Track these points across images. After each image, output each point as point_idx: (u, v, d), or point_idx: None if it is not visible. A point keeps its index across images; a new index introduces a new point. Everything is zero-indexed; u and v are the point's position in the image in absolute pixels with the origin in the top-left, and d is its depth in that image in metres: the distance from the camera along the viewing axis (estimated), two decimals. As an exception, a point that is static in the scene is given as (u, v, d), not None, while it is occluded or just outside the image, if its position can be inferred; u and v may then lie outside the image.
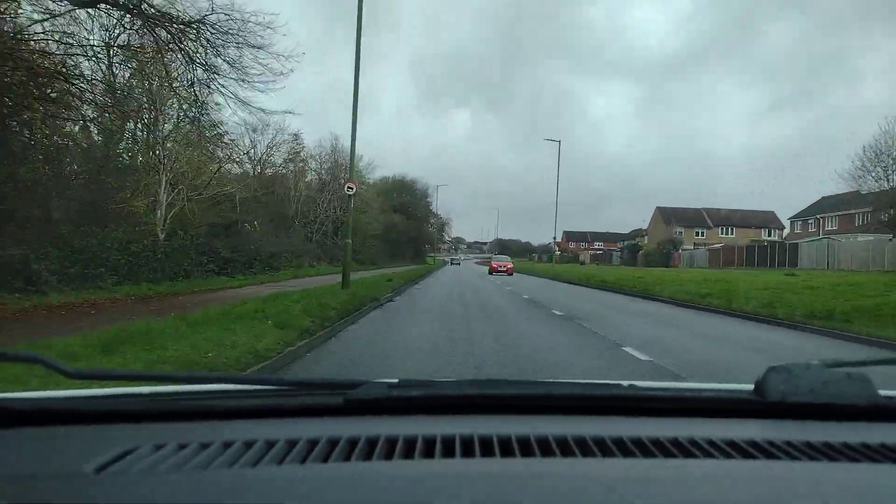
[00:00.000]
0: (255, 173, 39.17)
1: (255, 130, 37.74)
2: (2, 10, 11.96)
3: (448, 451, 0.97)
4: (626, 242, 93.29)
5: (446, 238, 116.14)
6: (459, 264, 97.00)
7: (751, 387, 1.19)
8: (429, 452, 0.96)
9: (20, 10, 12.42)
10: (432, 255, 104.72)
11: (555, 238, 50.29)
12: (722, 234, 73.24)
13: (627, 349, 8.30)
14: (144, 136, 21.49)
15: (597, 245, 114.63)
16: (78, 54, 13.88)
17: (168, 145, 21.30)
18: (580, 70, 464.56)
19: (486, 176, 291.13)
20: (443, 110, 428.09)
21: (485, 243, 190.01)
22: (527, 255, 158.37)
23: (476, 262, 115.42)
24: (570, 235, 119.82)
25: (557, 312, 13.86)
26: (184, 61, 14.51)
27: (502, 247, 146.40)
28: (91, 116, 15.90)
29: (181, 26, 13.62)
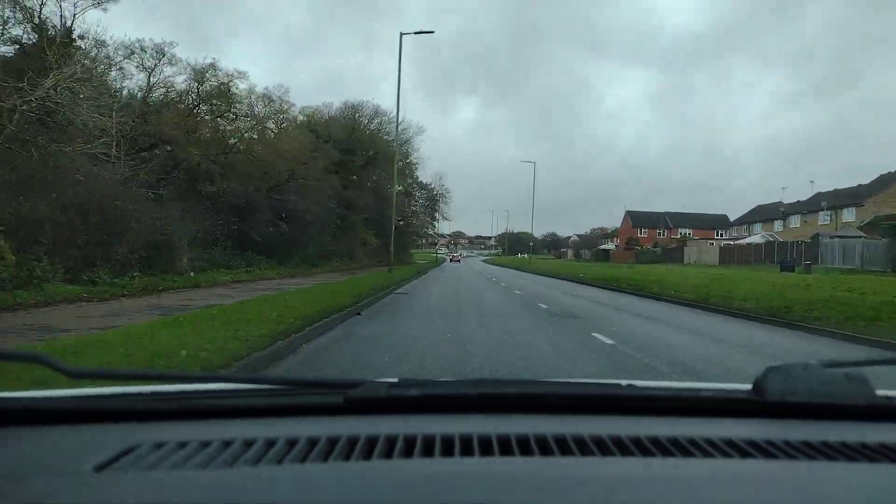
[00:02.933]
0: None
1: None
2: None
3: (447, 451, 0.97)
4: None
5: (439, 223, 73.55)
6: (460, 261, 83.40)
7: (749, 386, 1.20)
8: (428, 452, 0.97)
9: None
10: (431, 250, 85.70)
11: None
12: None
13: None
14: None
15: (683, 233, 75.48)
16: None
17: None
18: (597, 56, 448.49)
19: (493, 169, 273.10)
20: (448, 100, 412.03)
21: (488, 238, 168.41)
22: (546, 250, 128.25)
23: (483, 260, 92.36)
24: (636, 218, 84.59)
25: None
26: None
27: (514, 241, 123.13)
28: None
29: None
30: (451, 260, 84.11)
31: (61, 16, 19.04)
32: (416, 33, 28.75)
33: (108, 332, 7.94)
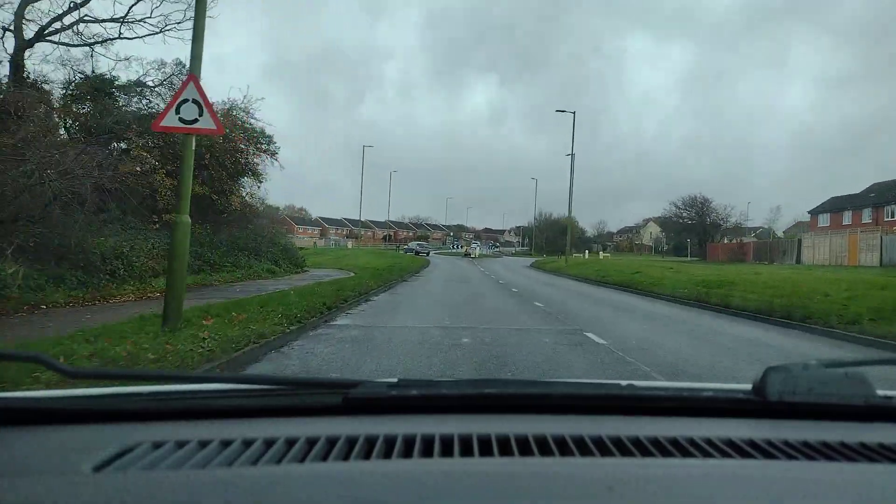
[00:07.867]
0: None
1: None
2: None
3: (447, 451, 0.97)
4: None
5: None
6: (453, 254, 57.66)
7: (749, 386, 1.21)
8: (427, 452, 0.97)
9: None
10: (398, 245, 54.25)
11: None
12: None
13: None
14: None
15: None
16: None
17: None
18: (632, 29, 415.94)
19: (511, 160, 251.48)
20: (460, 82, 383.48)
21: (501, 231, 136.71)
22: (599, 246, 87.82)
23: (531, 266, 43.71)
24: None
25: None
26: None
27: (547, 232, 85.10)
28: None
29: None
30: (416, 253, 53.94)
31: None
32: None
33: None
